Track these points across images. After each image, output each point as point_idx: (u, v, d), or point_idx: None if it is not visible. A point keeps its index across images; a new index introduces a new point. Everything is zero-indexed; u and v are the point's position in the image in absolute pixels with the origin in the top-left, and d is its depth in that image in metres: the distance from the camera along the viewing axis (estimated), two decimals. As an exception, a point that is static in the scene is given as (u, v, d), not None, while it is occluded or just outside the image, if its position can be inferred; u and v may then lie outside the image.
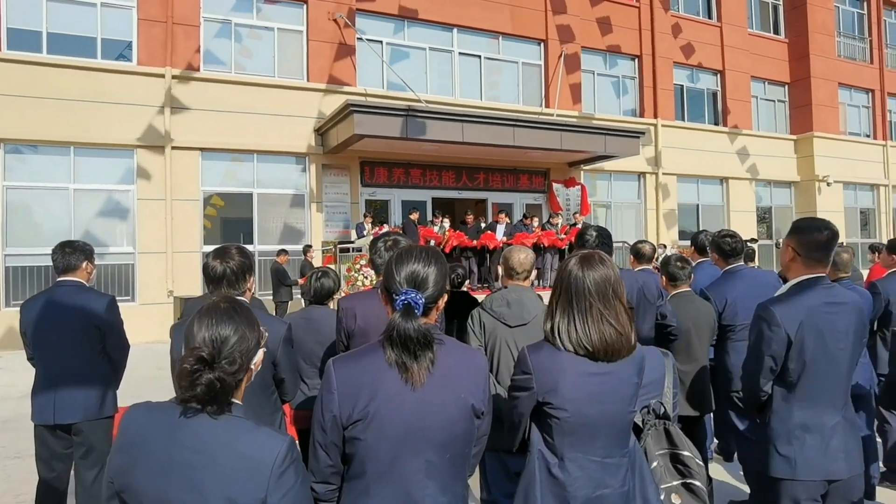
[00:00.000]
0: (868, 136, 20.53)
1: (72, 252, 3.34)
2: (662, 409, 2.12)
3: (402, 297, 1.53)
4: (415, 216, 12.07)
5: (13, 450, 5.03)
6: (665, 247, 14.67)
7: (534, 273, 3.18)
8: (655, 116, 16.48)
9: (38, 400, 3.23)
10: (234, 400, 1.39)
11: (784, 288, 2.51)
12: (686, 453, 2.07)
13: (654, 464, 2.04)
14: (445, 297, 1.67)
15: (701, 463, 2.09)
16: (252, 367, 1.44)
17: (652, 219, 16.34)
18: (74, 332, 3.25)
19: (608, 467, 1.81)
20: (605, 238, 3.55)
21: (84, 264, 3.40)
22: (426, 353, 1.53)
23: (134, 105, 11.11)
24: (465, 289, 4.70)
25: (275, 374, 2.51)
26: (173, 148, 11.38)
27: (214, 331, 1.36)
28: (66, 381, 3.23)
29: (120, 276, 11.13)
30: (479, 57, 14.63)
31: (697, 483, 2.04)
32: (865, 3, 20.65)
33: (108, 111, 10.94)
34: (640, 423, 2.09)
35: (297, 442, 2.67)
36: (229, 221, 12.34)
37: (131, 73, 11.21)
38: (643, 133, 14.20)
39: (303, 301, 3.92)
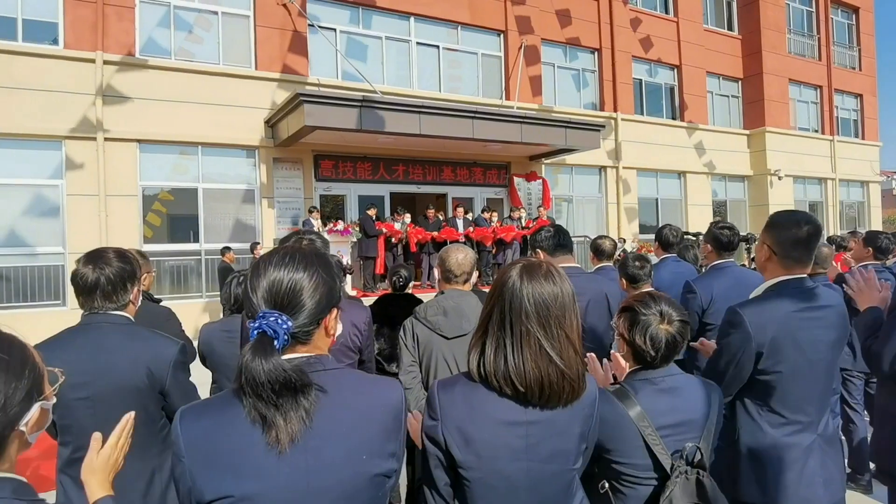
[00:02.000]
0: (816, 130, 21.03)
1: None
2: (698, 456, 1.69)
3: (256, 324, 1.09)
4: (372, 212, 11.53)
5: None
6: (624, 241, 14.56)
7: (475, 276, 2.78)
8: (615, 110, 16.35)
9: None
10: None
11: (759, 290, 2.19)
12: None
13: None
14: (335, 313, 1.21)
15: None
16: (22, 428, 1.02)
17: (613, 213, 16.22)
18: None
19: None
20: (561, 238, 3.14)
21: None
22: (294, 401, 1.08)
23: (61, 92, 10.15)
24: (410, 291, 4.23)
25: (165, 405, 2.07)
26: (107, 139, 10.46)
27: None
28: None
29: (49, 279, 10.16)
30: (438, 47, 14.13)
31: None
32: (814, 1, 21.11)
33: (31, 98, 9.95)
34: (668, 470, 1.66)
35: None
36: (173, 218, 11.47)
37: (57, 57, 10.23)
38: (603, 126, 14.02)
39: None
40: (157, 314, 3.36)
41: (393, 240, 11.67)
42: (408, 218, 11.90)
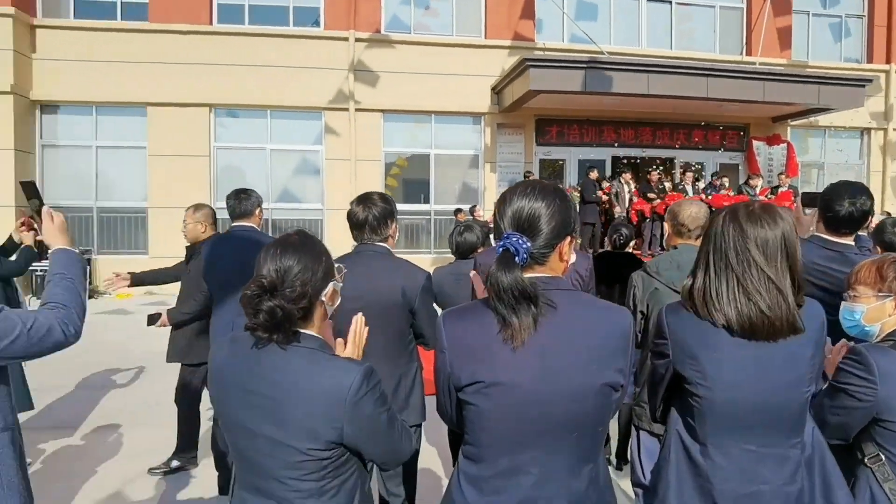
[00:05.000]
0: None
1: (247, 198, 3.48)
2: None
3: (501, 243, 1.26)
4: (594, 175, 11.36)
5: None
6: (888, 214, 12.35)
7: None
8: (888, 62, 13.79)
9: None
10: (303, 331, 1.38)
11: None
12: None
13: None
14: (569, 240, 1.32)
15: None
16: (323, 298, 1.42)
17: (876, 182, 13.82)
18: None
19: (767, 459, 1.48)
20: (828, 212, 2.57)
21: (257, 210, 3.52)
22: (527, 308, 1.23)
23: (321, 69, 11.63)
24: (629, 250, 4.16)
25: (413, 324, 2.50)
26: (357, 110, 11.77)
27: (279, 262, 1.37)
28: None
29: (310, 230, 11.85)
30: (671, 2, 13.25)
31: None
32: None
33: (299, 76, 11.57)
34: None
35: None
36: (407, 182, 12.59)
37: (318, 37, 11.74)
38: (869, 81, 11.99)
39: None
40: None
41: (606, 206, 11.49)
42: (632, 184, 11.50)
